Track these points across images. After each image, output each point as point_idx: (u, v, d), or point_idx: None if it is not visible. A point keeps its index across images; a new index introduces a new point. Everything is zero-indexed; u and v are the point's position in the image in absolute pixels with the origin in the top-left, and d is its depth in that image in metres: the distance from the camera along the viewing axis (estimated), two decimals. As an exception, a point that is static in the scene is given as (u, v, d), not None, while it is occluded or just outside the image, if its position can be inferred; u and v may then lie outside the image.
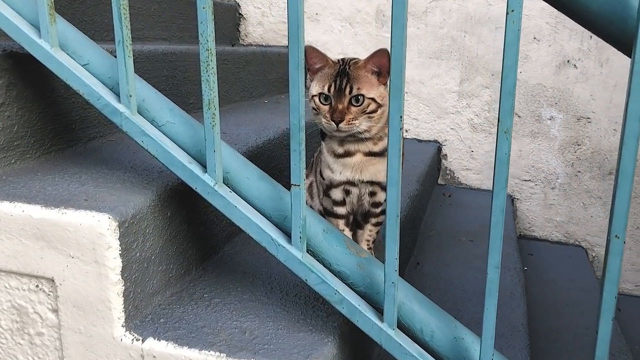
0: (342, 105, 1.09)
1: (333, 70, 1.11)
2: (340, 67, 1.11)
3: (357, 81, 1.09)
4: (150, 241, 1.05)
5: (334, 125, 1.09)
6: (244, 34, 2.85)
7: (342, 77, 1.09)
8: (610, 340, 0.83)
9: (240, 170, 1.01)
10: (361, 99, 1.09)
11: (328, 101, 1.11)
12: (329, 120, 1.09)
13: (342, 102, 1.09)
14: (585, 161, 2.56)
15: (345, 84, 1.09)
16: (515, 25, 0.76)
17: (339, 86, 1.09)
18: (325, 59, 1.13)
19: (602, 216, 2.60)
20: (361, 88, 1.09)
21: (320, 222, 1.01)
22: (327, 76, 1.11)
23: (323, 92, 1.10)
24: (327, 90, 1.10)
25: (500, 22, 2.52)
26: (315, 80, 1.13)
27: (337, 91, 1.09)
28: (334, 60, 1.14)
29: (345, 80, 1.09)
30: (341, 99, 1.09)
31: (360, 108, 1.09)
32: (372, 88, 1.10)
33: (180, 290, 1.14)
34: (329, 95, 1.10)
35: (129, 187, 1.08)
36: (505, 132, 0.80)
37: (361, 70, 1.10)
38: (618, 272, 0.80)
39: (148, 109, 1.02)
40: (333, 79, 1.10)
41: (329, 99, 1.10)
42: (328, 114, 1.09)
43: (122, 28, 0.95)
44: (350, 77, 1.09)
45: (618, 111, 2.46)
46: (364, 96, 1.09)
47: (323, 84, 1.11)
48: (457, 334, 0.96)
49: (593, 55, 2.44)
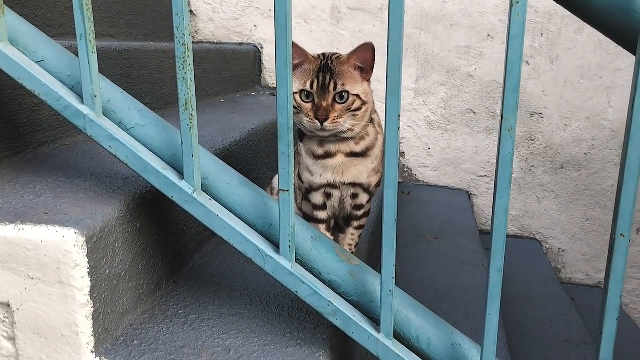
0: (326, 102, 1.02)
1: (314, 65, 1.05)
2: (322, 62, 1.05)
3: (341, 77, 1.03)
4: (120, 256, 0.95)
5: (318, 124, 1.02)
6: (194, 30, 2.73)
7: (325, 73, 1.03)
8: (615, 340, 0.82)
9: (220, 176, 0.94)
10: (346, 95, 1.03)
11: (310, 99, 1.04)
12: (313, 119, 1.02)
13: (326, 99, 1.02)
14: (539, 156, 2.62)
15: (329, 80, 1.02)
16: (521, 17, 0.72)
17: (322, 82, 1.02)
18: (305, 54, 1.06)
19: (554, 209, 2.66)
20: (346, 84, 1.03)
21: (308, 228, 0.95)
22: (308, 72, 1.04)
23: (305, 89, 1.04)
24: (309, 86, 1.03)
25: (455, 20, 2.53)
26: (295, 77, 1.05)
27: (321, 87, 1.02)
28: (313, 55, 1.07)
29: (329, 76, 1.02)
30: (325, 96, 1.02)
31: (345, 105, 1.03)
32: (356, 84, 1.04)
33: (152, 308, 1.05)
34: (311, 93, 1.03)
35: (93, 197, 0.98)
36: (509, 130, 0.76)
37: (344, 65, 1.05)
38: (623, 272, 0.78)
39: (114, 110, 0.93)
40: (315, 74, 1.03)
41: (311, 96, 1.04)
42: (311, 112, 1.03)
43: (85, 20, 0.85)
44: (334, 72, 1.03)
45: (568, 106, 2.53)
46: (348, 93, 1.03)
47: (304, 80, 1.04)
48: (454, 340, 0.93)
49: (544, 52, 2.50)
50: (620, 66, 2.45)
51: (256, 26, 2.68)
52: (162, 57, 1.80)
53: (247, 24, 2.68)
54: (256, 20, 2.68)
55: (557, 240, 2.70)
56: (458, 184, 2.72)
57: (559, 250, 2.70)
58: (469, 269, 1.79)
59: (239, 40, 2.70)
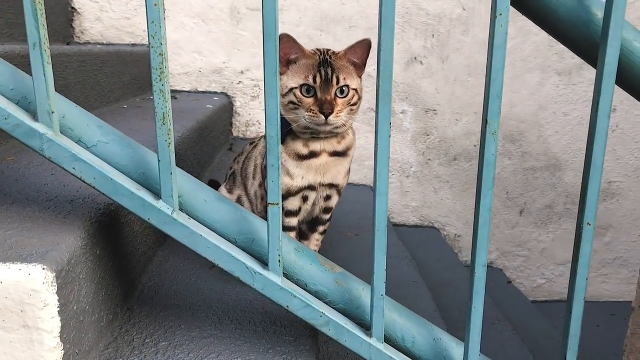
0: (329, 96, 1.03)
1: (313, 60, 1.05)
2: (320, 57, 1.05)
3: (341, 71, 1.05)
4: (85, 288, 0.86)
5: (323, 118, 1.02)
6: (79, 30, 2.51)
7: (326, 67, 1.04)
8: (582, 318, 0.91)
9: (195, 192, 0.88)
10: (346, 90, 1.05)
11: (310, 93, 1.04)
12: (317, 113, 1.02)
13: (329, 94, 1.03)
14: (434, 149, 2.79)
15: (331, 74, 1.03)
16: (503, 28, 0.77)
17: (325, 76, 1.02)
18: (302, 49, 1.06)
19: (450, 198, 2.86)
20: (346, 78, 1.05)
21: (290, 240, 0.93)
22: (307, 67, 1.04)
23: (307, 83, 1.03)
24: (312, 80, 1.03)
25: (354, 21, 2.60)
26: (291, 72, 1.05)
27: (324, 82, 1.02)
28: (310, 50, 1.07)
29: (330, 70, 1.03)
30: (328, 90, 1.03)
31: (346, 99, 1.05)
32: (353, 79, 1.07)
33: (114, 340, 0.96)
34: (312, 87, 1.03)
35: (49, 223, 0.87)
36: (493, 133, 0.81)
37: (342, 60, 1.06)
38: (589, 256, 0.87)
39: (71, 127, 0.83)
40: (317, 69, 1.03)
41: (312, 90, 1.04)
42: (315, 106, 1.02)
43: (39, 27, 0.75)
44: (334, 67, 1.04)
45: (459, 102, 2.73)
46: (348, 87, 1.05)
47: (305, 75, 1.03)
48: (435, 335, 0.97)
49: (436, 52, 2.67)
50: (500, 65, 2.69)
51: (150, 26, 2.54)
52: (66, 62, 1.63)
53: (140, 24, 2.53)
54: (149, 20, 2.53)
55: (453, 227, 2.91)
56: (362, 180, 2.81)
57: (455, 235, 2.91)
58: (395, 262, 1.87)
59: (132, 41, 2.54)
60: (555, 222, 2.92)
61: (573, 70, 2.69)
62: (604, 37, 0.78)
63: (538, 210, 2.90)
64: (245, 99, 2.65)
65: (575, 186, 2.88)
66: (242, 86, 2.64)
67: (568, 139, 2.81)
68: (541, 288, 3.01)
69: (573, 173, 2.86)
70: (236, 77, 2.63)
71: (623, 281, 3.05)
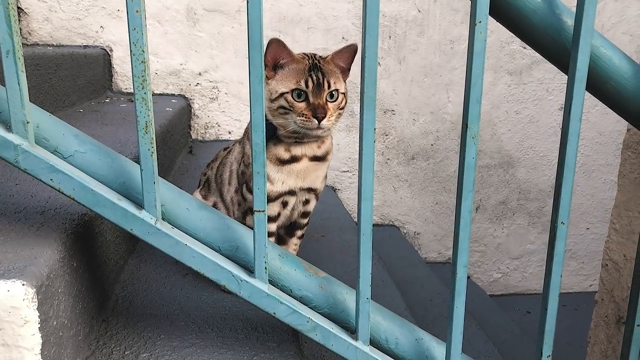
0: (321, 101, 1.03)
1: (303, 65, 1.04)
2: (310, 61, 1.05)
3: (330, 76, 1.05)
4: (64, 303, 0.83)
5: (316, 123, 1.02)
6: (26, 31, 2.40)
7: (317, 72, 1.04)
8: (556, 315, 0.94)
9: (177, 201, 0.86)
10: (336, 94, 1.06)
11: (301, 98, 1.03)
12: (310, 118, 1.02)
13: (321, 98, 1.03)
14: (393, 149, 2.84)
15: (322, 79, 1.03)
16: (482, 35, 0.79)
17: (316, 81, 1.03)
18: (291, 54, 1.05)
19: (409, 196, 2.92)
20: (335, 83, 1.05)
21: (274, 246, 0.93)
22: (297, 71, 1.03)
23: (298, 88, 1.03)
24: (304, 85, 1.02)
25: (312, 23, 2.61)
26: (280, 77, 1.04)
27: (316, 86, 1.03)
28: (299, 55, 1.07)
29: (321, 75, 1.04)
30: (320, 95, 1.03)
31: (336, 103, 1.06)
32: (341, 83, 1.08)
33: (92, 353, 0.93)
34: (304, 92, 1.03)
35: (22, 237, 0.83)
36: (473, 137, 0.84)
37: (330, 65, 1.07)
38: (563, 254, 0.91)
39: (46, 137, 0.80)
40: (308, 74, 1.03)
41: (303, 95, 1.03)
42: (307, 111, 1.02)
43: (12, 34, 0.72)
44: (324, 71, 1.04)
45: (416, 103, 2.78)
46: (338, 91, 1.06)
47: (297, 79, 1.02)
48: (416, 336, 0.99)
49: (393, 54, 2.71)
50: (455, 65, 2.76)
51: (103, 27, 2.46)
52: None
53: (93, 25, 2.45)
54: (102, 21, 2.46)
55: (412, 224, 2.96)
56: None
57: (415, 233, 2.97)
58: (362, 262, 1.88)
59: (84, 43, 2.45)
60: (510, 217, 3.03)
61: (524, 70, 2.79)
62: (575, 44, 0.82)
63: (493, 206, 3.00)
64: (204, 101, 2.61)
65: (528, 182, 2.99)
66: (201, 88, 2.60)
67: (520, 136, 2.92)
68: (497, 282, 3.11)
69: (525, 170, 2.97)
70: (194, 79, 2.59)
71: (572, 273, 3.19)
